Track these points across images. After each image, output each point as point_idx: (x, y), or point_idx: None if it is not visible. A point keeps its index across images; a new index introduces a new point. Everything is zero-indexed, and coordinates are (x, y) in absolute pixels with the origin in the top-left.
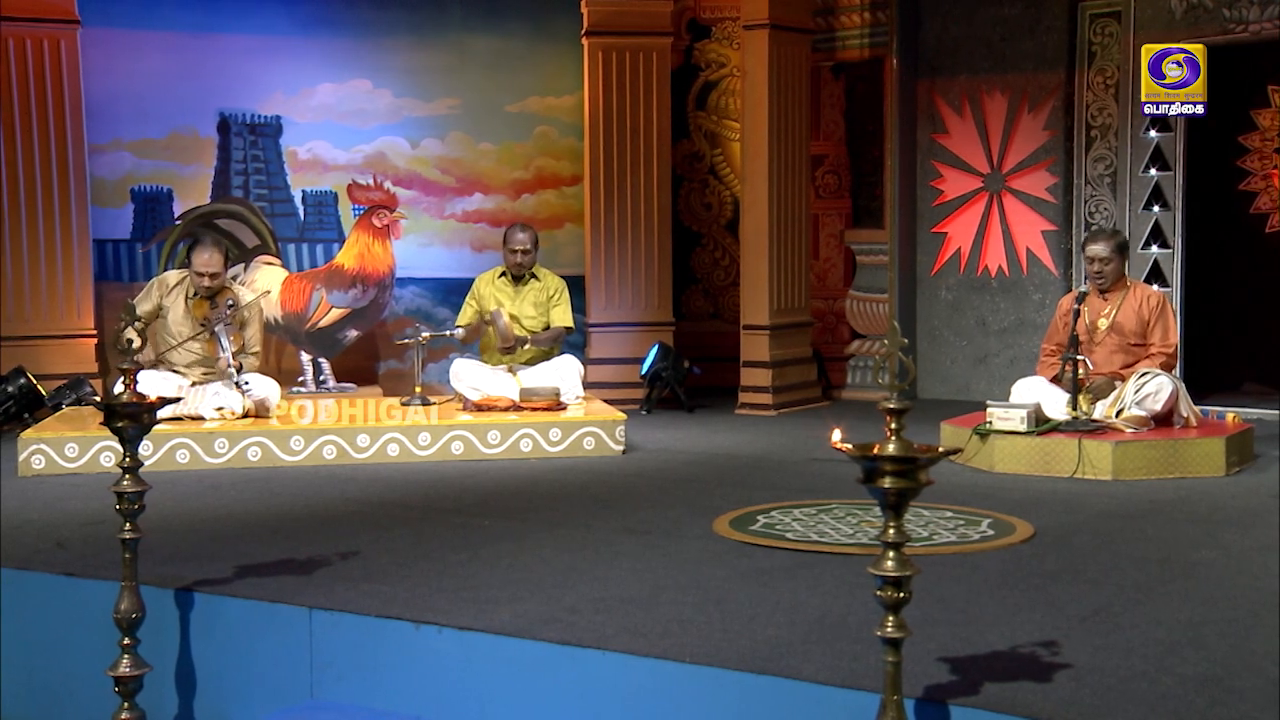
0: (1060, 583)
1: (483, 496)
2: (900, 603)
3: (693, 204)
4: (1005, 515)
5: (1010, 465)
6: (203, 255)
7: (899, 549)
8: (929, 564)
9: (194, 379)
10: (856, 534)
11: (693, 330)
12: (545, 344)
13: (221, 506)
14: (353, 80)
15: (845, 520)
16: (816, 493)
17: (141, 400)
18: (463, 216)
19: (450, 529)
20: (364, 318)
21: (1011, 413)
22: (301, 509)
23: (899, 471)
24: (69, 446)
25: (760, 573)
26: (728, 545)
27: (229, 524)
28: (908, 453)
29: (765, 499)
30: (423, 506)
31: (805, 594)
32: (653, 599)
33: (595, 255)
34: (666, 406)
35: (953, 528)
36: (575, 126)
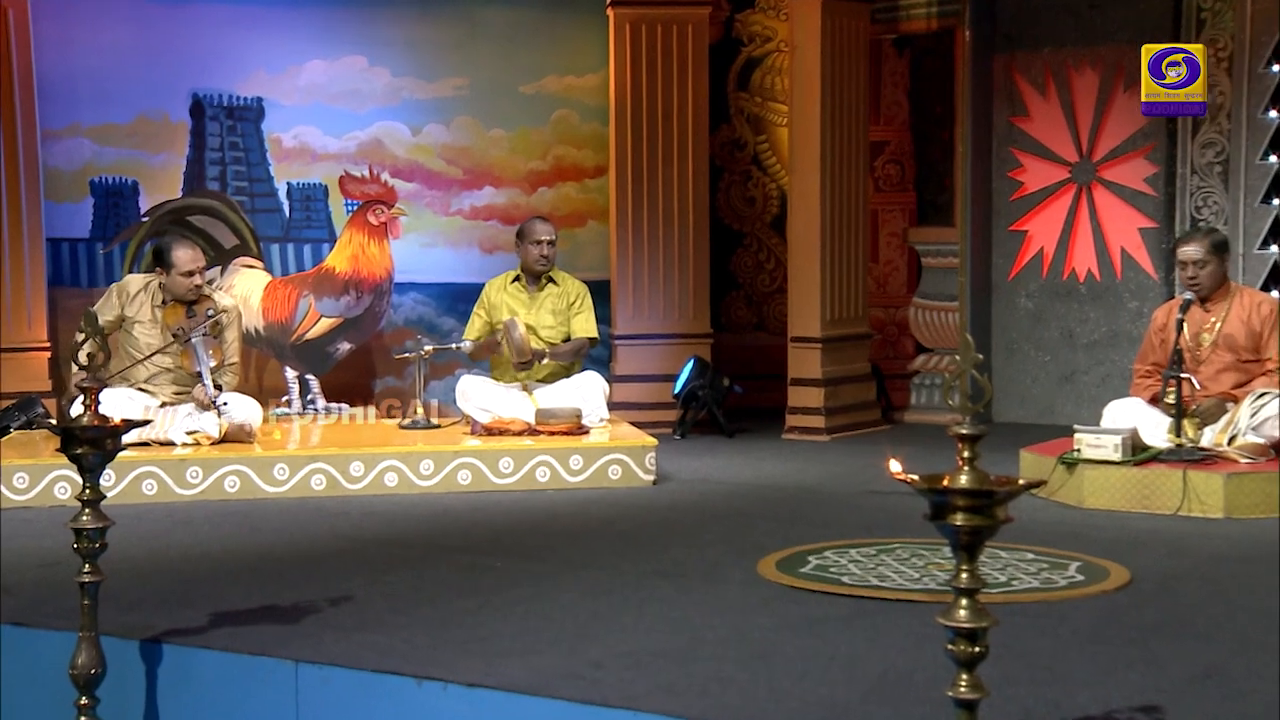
0: (1162, 637)
1: (494, 533)
2: (975, 658)
3: (733, 199)
4: (1097, 558)
5: (1102, 500)
6: (186, 251)
7: (973, 596)
8: (1008, 614)
9: (164, 398)
10: (923, 578)
11: (733, 343)
12: (565, 358)
13: (195, 545)
14: (345, 57)
15: (910, 563)
16: (876, 530)
17: (104, 423)
18: (471, 213)
19: (457, 571)
20: (358, 328)
21: (1104, 439)
22: (286, 548)
23: (973, 507)
24: (18, 476)
25: (812, 622)
26: (775, 590)
27: (203, 565)
28: (983, 485)
29: (817, 537)
30: (425, 545)
31: (864, 647)
32: (689, 652)
33: (622, 257)
34: (703, 430)
35: (1035, 572)
36: (600, 110)
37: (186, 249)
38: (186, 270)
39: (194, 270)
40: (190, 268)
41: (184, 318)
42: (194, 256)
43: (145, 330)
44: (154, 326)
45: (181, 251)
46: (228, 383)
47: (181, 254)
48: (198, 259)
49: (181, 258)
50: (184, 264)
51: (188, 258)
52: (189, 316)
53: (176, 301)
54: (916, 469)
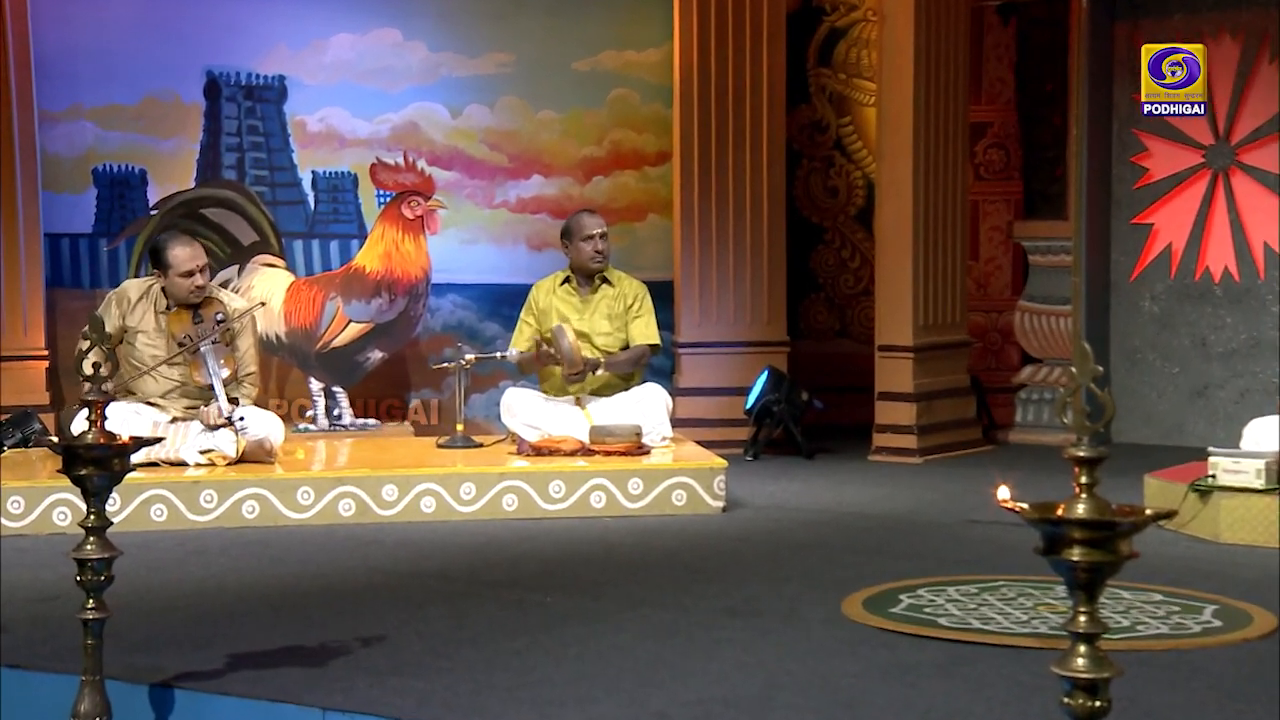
0: None
1: (543, 566)
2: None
3: (813, 188)
4: (1236, 601)
5: (1242, 534)
6: (184, 249)
7: (1092, 642)
8: (1133, 663)
9: (175, 414)
10: (1033, 621)
11: (813, 352)
12: (623, 369)
13: (210, 577)
14: (377, 30)
15: (1017, 603)
16: (978, 566)
17: (112, 441)
18: (517, 205)
19: (502, 608)
20: (391, 335)
21: (1244, 464)
22: (311, 581)
23: (1092, 540)
24: (13, 501)
25: (904, 669)
26: (861, 633)
27: (219, 600)
28: (1103, 515)
29: (910, 573)
30: (466, 578)
31: (964, 699)
32: (765, 701)
33: (687, 255)
34: (779, 450)
35: (1164, 616)
36: (663, 89)
37: (183, 246)
38: (185, 270)
39: (194, 269)
40: (189, 266)
41: (190, 324)
42: (193, 254)
43: (149, 341)
44: (159, 336)
45: (178, 249)
46: (245, 395)
47: (178, 252)
48: (197, 256)
49: (178, 256)
50: (182, 263)
51: (185, 256)
52: (196, 323)
53: (181, 307)
54: (1025, 496)
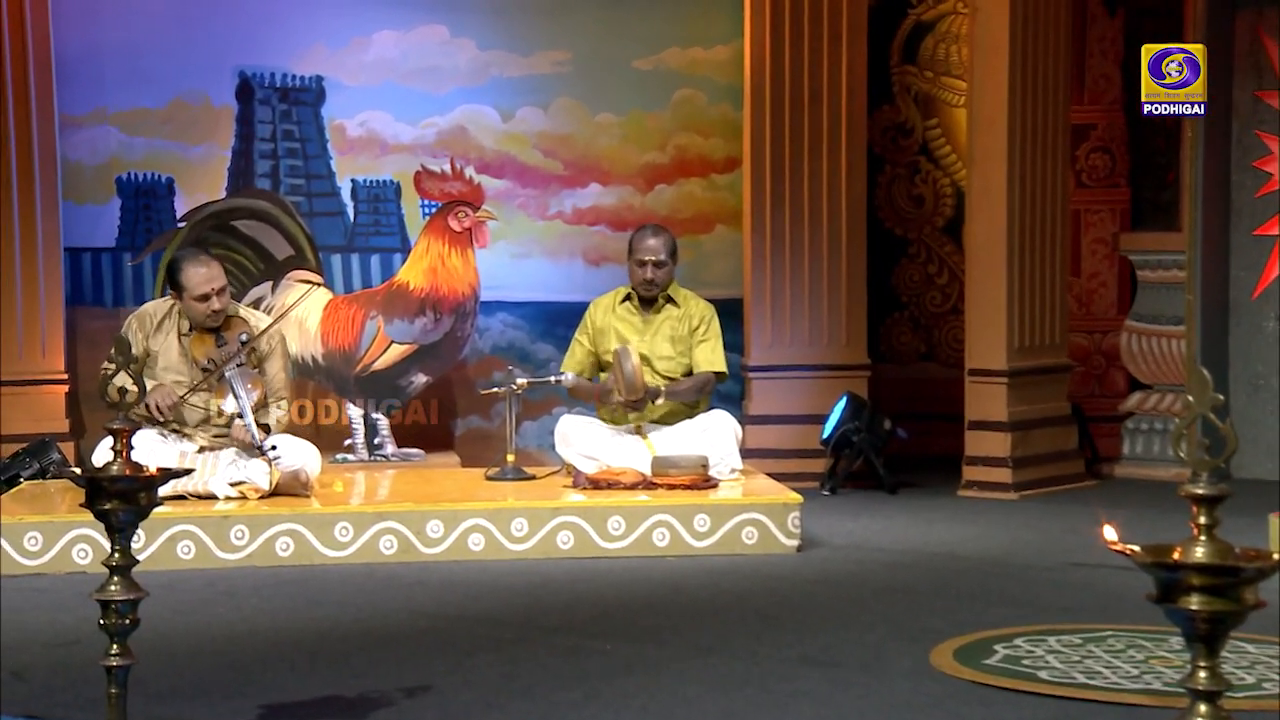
0: None
1: (602, 610)
2: None
3: (896, 197)
4: None
5: None
6: (199, 269)
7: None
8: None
9: (202, 442)
10: (1145, 676)
11: (896, 377)
12: (688, 396)
13: (241, 621)
14: (422, 26)
15: (1126, 655)
16: (1082, 614)
17: (138, 473)
18: (574, 216)
19: (557, 655)
20: (436, 357)
21: None
22: (351, 625)
23: (1212, 587)
24: (30, 537)
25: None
26: (952, 686)
27: (250, 645)
28: (1225, 560)
29: (1006, 620)
30: (519, 623)
31: None
32: None
33: (758, 271)
34: (859, 484)
35: None
36: (732, 89)
37: (198, 266)
38: (199, 293)
39: (209, 292)
40: (204, 289)
41: (213, 347)
42: (208, 275)
43: (173, 365)
44: (182, 361)
45: (193, 270)
46: (277, 421)
47: (192, 273)
48: (214, 278)
49: (192, 278)
50: (196, 285)
51: (200, 278)
52: (219, 345)
53: (201, 330)
54: (1135, 537)
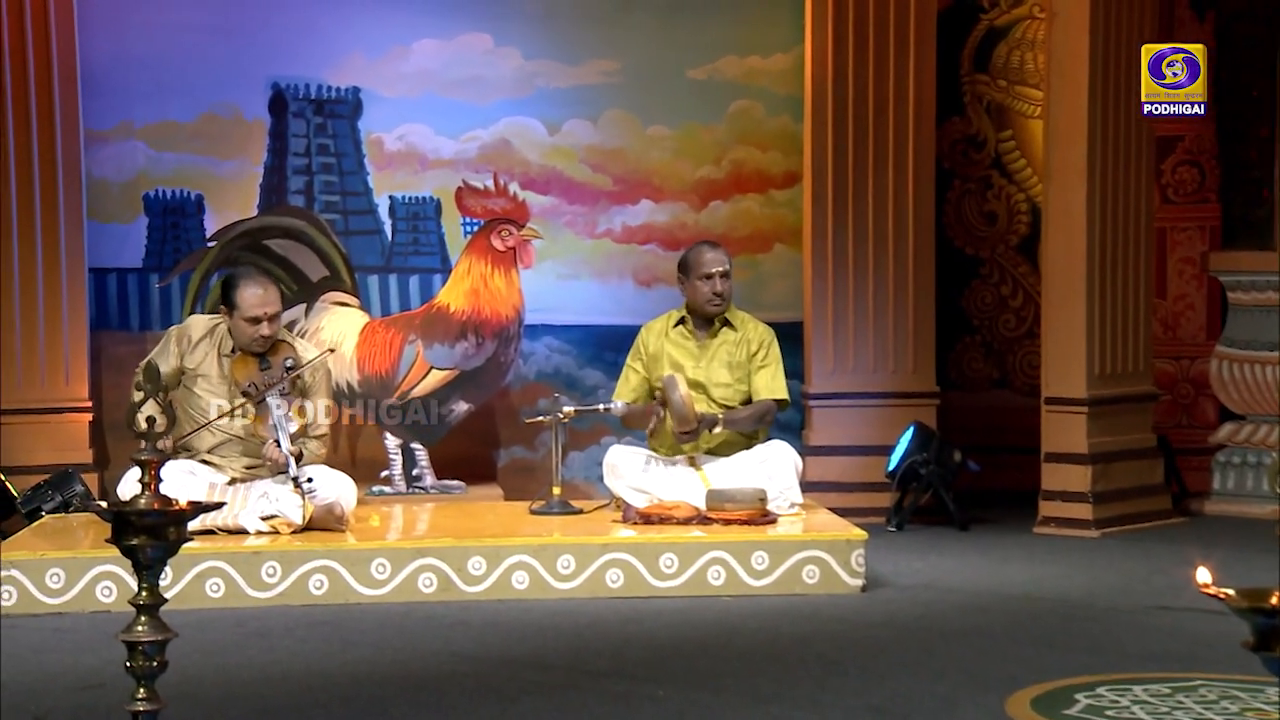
0: None
1: (653, 652)
2: None
3: (967, 214)
4: None
5: None
6: (255, 290)
7: None
8: None
9: (233, 473)
10: None
11: (967, 405)
12: (745, 426)
13: (273, 663)
14: (464, 35)
15: (1219, 707)
16: (1170, 661)
17: (167, 506)
18: (623, 234)
19: (606, 702)
20: (478, 384)
21: None
22: (388, 668)
23: None
24: (52, 574)
25: None
26: None
27: (283, 690)
28: None
29: (1087, 668)
30: (566, 666)
31: None
32: None
33: (819, 292)
34: (928, 520)
35: None
36: (792, 100)
37: (257, 287)
38: (252, 315)
39: (262, 316)
40: (257, 312)
41: (256, 371)
42: (264, 298)
43: (210, 387)
44: (220, 382)
45: (250, 290)
46: (312, 453)
47: (248, 294)
48: (269, 302)
49: (248, 298)
50: (250, 306)
51: (255, 299)
52: (262, 369)
53: (245, 352)
54: (1229, 579)
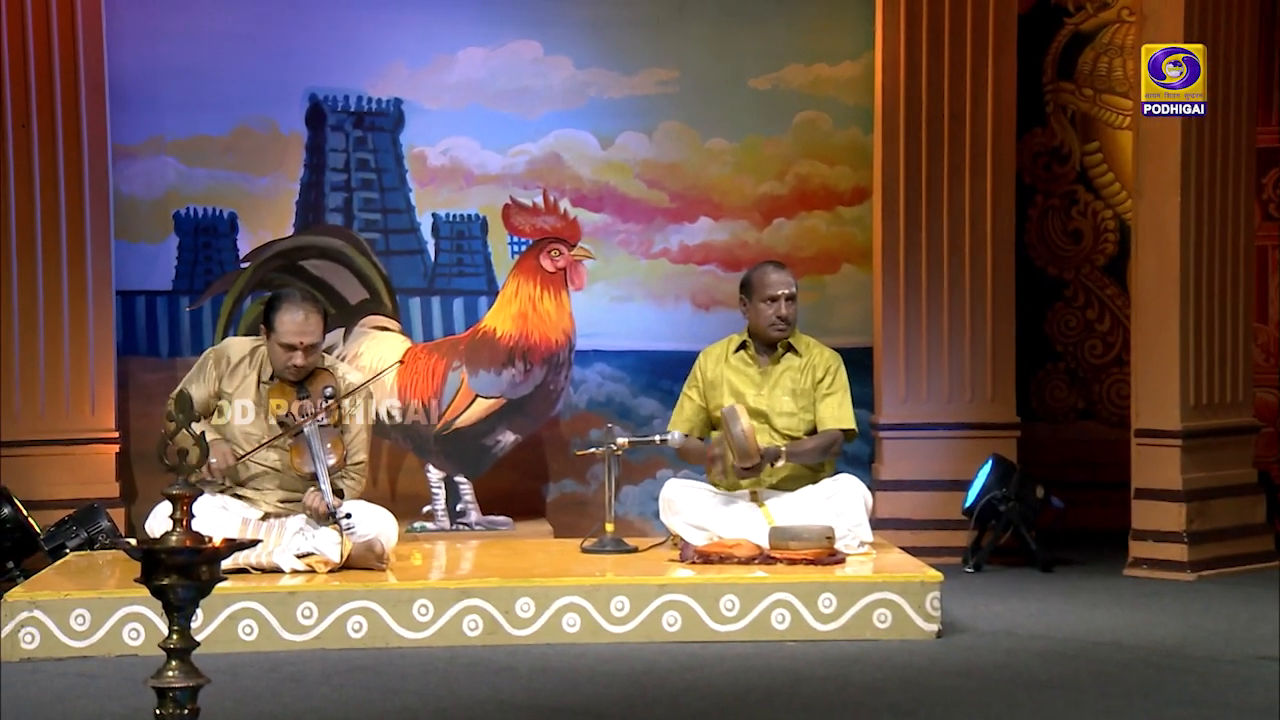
0: None
1: (713, 702)
2: None
3: (1050, 232)
4: None
5: None
6: (294, 315)
7: None
8: None
9: (267, 508)
10: None
11: (1050, 437)
12: (810, 458)
13: (309, 711)
14: (512, 43)
15: None
16: (1272, 716)
17: (200, 544)
18: (680, 254)
19: None
20: (526, 413)
21: None
22: (431, 716)
23: None
24: (76, 615)
25: None
26: None
27: None
28: None
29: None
30: (620, 715)
31: None
32: None
33: (890, 315)
34: (1008, 561)
35: None
36: (861, 111)
37: (298, 312)
38: (285, 341)
39: (296, 344)
40: (291, 339)
41: (294, 400)
42: (301, 327)
43: (247, 417)
44: (258, 411)
45: (288, 314)
46: (351, 488)
47: (287, 318)
48: (306, 331)
49: (285, 323)
50: (285, 332)
51: (294, 326)
52: (300, 397)
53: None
54: None
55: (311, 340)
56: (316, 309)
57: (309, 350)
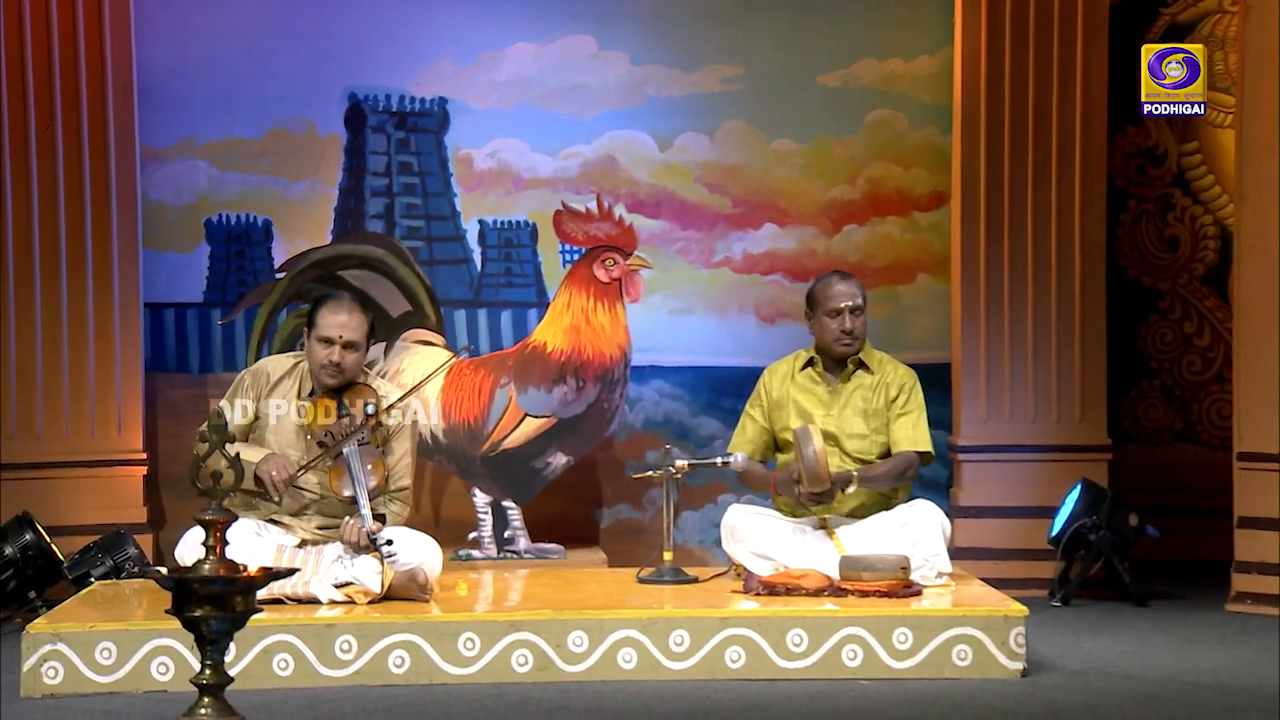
0: None
1: None
2: None
3: (1144, 239)
4: None
5: None
6: (337, 314)
7: None
8: None
9: (304, 534)
10: None
11: (1145, 460)
12: (883, 484)
13: None
14: (565, 38)
15: None
16: None
17: (235, 572)
18: (744, 263)
19: None
20: (579, 434)
21: None
22: None
23: None
24: (102, 649)
25: None
26: None
27: None
28: None
29: None
30: None
31: None
32: None
33: (970, 329)
34: (1098, 594)
35: None
36: (939, 109)
37: (340, 310)
38: (324, 335)
39: (334, 338)
40: (331, 333)
41: (334, 418)
42: (344, 322)
43: (286, 438)
44: (297, 432)
45: (331, 311)
46: (394, 514)
47: (330, 313)
48: (349, 326)
49: (327, 317)
50: (325, 325)
51: (335, 321)
52: (340, 416)
53: (324, 394)
54: None
55: (351, 336)
56: (361, 310)
57: (348, 348)
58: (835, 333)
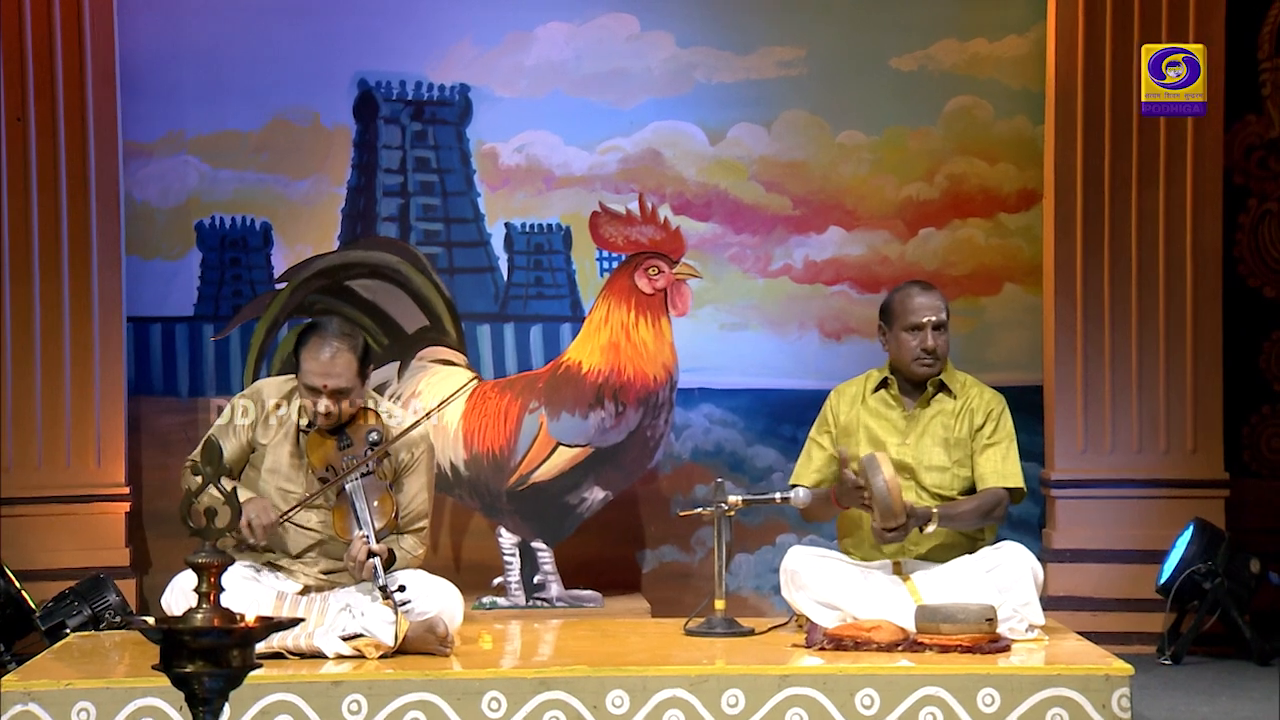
0: None
1: None
2: None
3: (1266, 244)
4: None
5: None
6: (319, 352)
7: None
8: None
9: (306, 580)
10: None
11: (1268, 498)
12: (968, 523)
13: None
14: (602, 17)
15: None
16: None
17: (231, 622)
18: (806, 272)
19: None
20: (618, 465)
21: None
22: None
23: None
24: (79, 709)
25: None
26: None
27: None
28: None
29: None
30: None
31: None
32: None
33: (1065, 347)
34: (1214, 650)
35: None
36: (1029, 97)
37: (324, 349)
38: (309, 384)
39: (320, 388)
40: (315, 381)
41: (334, 451)
42: (327, 368)
43: (284, 471)
44: (295, 465)
45: (313, 352)
46: (408, 553)
47: (310, 356)
48: (332, 374)
49: (308, 363)
50: (308, 371)
51: (316, 367)
52: (342, 447)
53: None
54: None
55: (338, 384)
56: (349, 345)
57: (336, 396)
58: (915, 351)
